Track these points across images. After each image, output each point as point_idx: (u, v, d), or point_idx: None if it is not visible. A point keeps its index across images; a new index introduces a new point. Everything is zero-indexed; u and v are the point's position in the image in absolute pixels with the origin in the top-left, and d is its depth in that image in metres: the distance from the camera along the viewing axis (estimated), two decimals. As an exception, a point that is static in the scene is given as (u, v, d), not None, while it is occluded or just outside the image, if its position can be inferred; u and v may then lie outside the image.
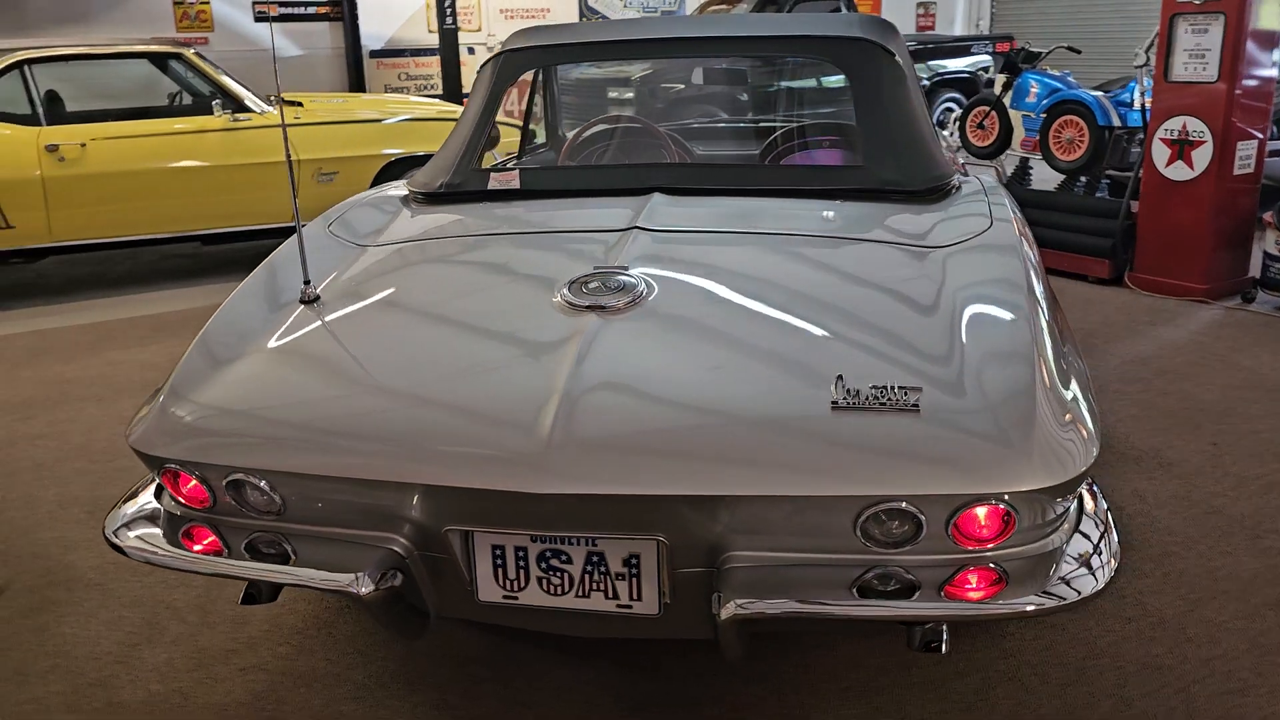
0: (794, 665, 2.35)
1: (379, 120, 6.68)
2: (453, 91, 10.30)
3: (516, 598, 1.80)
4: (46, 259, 6.04)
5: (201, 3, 10.26)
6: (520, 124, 3.98)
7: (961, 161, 3.07)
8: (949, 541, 1.66)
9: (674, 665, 2.34)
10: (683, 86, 7.41)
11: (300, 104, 6.62)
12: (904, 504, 1.61)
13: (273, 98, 6.66)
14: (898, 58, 2.74)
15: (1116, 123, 5.86)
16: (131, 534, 1.93)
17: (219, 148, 5.97)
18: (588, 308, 1.95)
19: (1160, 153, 5.27)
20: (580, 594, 1.77)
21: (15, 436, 3.81)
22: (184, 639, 2.51)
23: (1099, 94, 6.02)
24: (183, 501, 1.86)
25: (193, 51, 6.22)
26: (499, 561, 1.77)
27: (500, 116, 2.89)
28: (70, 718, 2.24)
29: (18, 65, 5.67)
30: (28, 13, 9.46)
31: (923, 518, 1.62)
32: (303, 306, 2.12)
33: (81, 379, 4.46)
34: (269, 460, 1.74)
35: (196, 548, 1.88)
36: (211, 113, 5.98)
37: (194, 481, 1.81)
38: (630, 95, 7.52)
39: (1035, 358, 1.80)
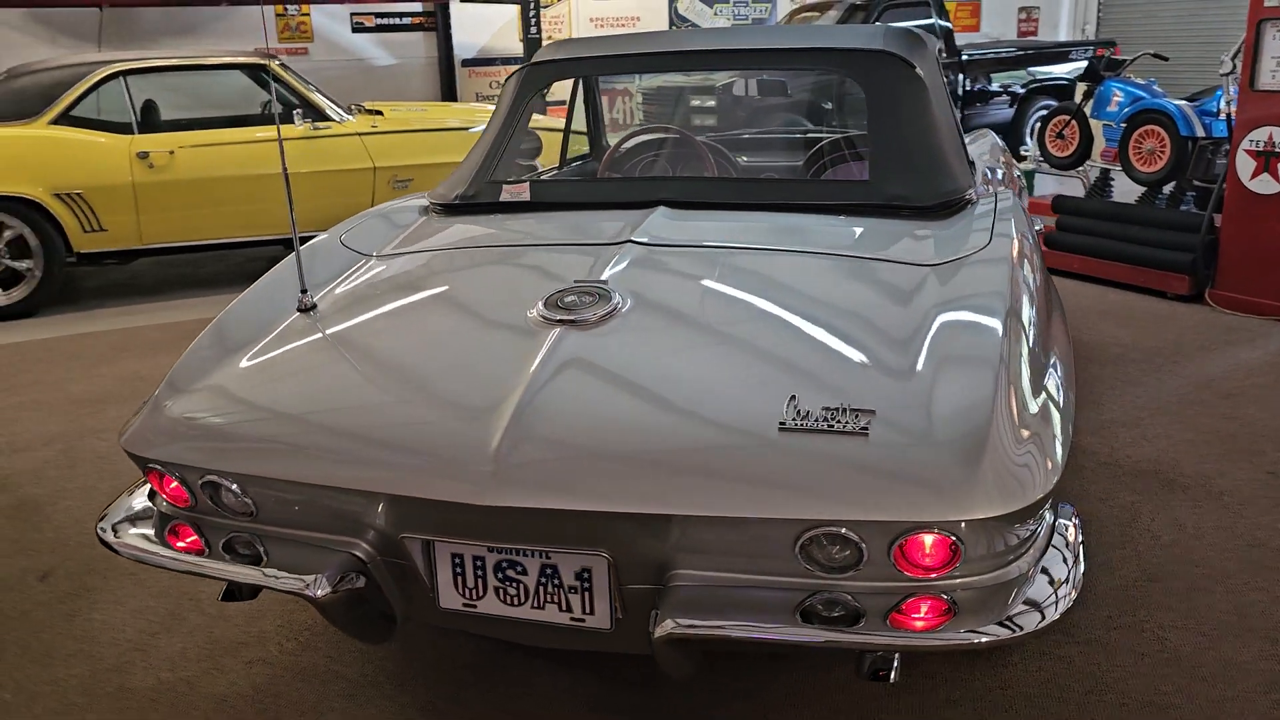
0: (783, 685, 2.32)
1: (461, 129, 6.82)
2: (535, 100, 10.39)
3: (475, 606, 1.84)
4: (138, 260, 6.35)
5: (302, 14, 10.65)
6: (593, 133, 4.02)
7: (993, 176, 2.99)
8: (893, 569, 1.62)
9: (660, 678, 2.34)
10: (714, 99, 7.42)
11: (380, 112, 6.82)
12: (843, 529, 1.58)
13: (354, 107, 6.88)
14: (918, 70, 2.69)
15: (1200, 133, 5.62)
16: (128, 530, 2.03)
17: (298, 155, 6.19)
18: (559, 321, 1.97)
19: (1245, 165, 5.03)
20: (535, 605, 1.79)
21: (84, 429, 4.03)
22: (200, 630, 2.62)
23: (1182, 103, 5.78)
24: (167, 500, 1.95)
25: (277, 63, 6.47)
26: (458, 570, 1.80)
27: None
28: (83, 700, 2.37)
29: (116, 76, 5.98)
30: (141, 25, 9.96)
31: (863, 544, 1.60)
32: (297, 314, 2.19)
33: (155, 376, 4.68)
34: (237, 465, 1.81)
35: (180, 544, 1.96)
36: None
37: (175, 482, 1.90)
38: (676, 106, 7.54)
39: (1001, 382, 1.75)
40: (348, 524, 1.82)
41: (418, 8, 11.09)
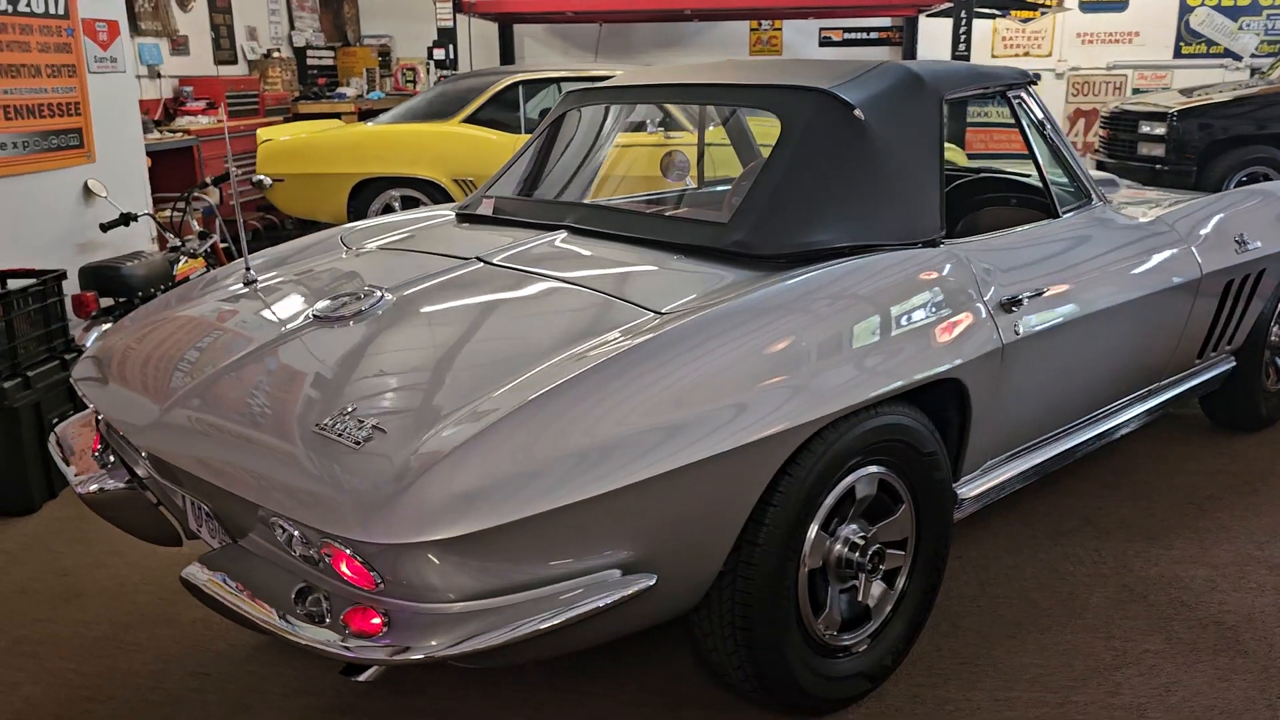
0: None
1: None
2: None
3: (199, 535, 2.28)
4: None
5: (774, 29, 11.32)
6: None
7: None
8: (334, 574, 1.77)
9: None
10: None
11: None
12: (283, 523, 1.77)
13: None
14: (859, 114, 2.50)
15: None
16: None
17: (644, 160, 6.84)
18: (316, 316, 2.31)
19: None
20: (205, 535, 2.20)
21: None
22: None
23: None
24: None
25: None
26: (186, 501, 2.26)
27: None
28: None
29: (514, 85, 7.12)
30: (632, 39, 11.37)
31: (303, 541, 1.76)
32: (242, 285, 2.76)
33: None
34: (93, 399, 2.41)
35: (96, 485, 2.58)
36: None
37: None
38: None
39: (500, 427, 1.76)
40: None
41: (886, 22, 11.17)
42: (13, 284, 3.68)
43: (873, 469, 2.30)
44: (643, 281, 2.35)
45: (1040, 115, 3.05)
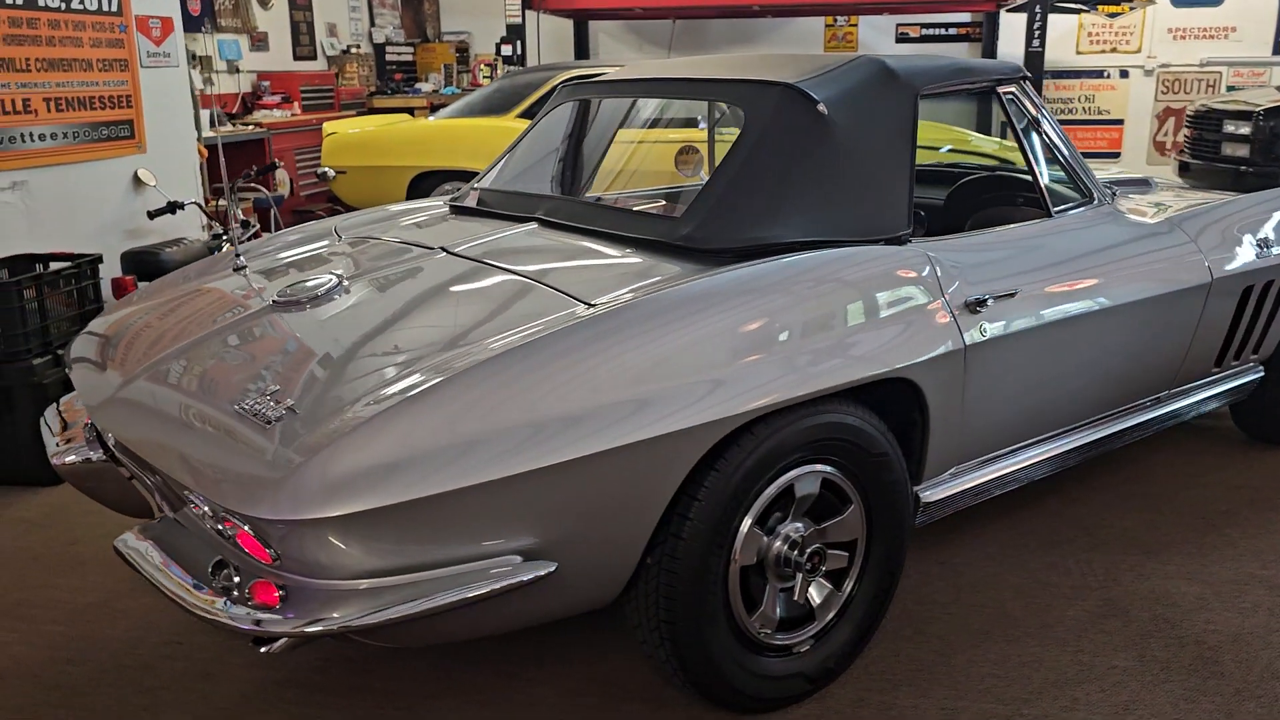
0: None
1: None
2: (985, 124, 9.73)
3: (162, 513, 2.39)
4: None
5: (850, 25, 11.16)
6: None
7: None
8: (240, 548, 1.83)
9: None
10: None
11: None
12: (195, 498, 1.84)
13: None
14: (822, 108, 2.47)
15: None
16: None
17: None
18: (274, 302, 2.39)
19: None
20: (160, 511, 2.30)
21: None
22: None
23: None
24: None
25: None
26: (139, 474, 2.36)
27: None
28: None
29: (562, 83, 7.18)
30: (706, 34, 11.35)
31: (212, 515, 1.83)
32: (231, 270, 2.87)
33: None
34: (75, 378, 2.53)
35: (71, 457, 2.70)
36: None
37: None
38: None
39: (399, 410, 1.80)
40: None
41: (966, 18, 10.90)
42: (54, 267, 3.89)
43: (816, 468, 2.27)
44: (586, 274, 2.37)
45: (1035, 112, 2.96)
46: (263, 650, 1.86)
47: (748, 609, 2.25)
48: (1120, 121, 10.83)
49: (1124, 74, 10.69)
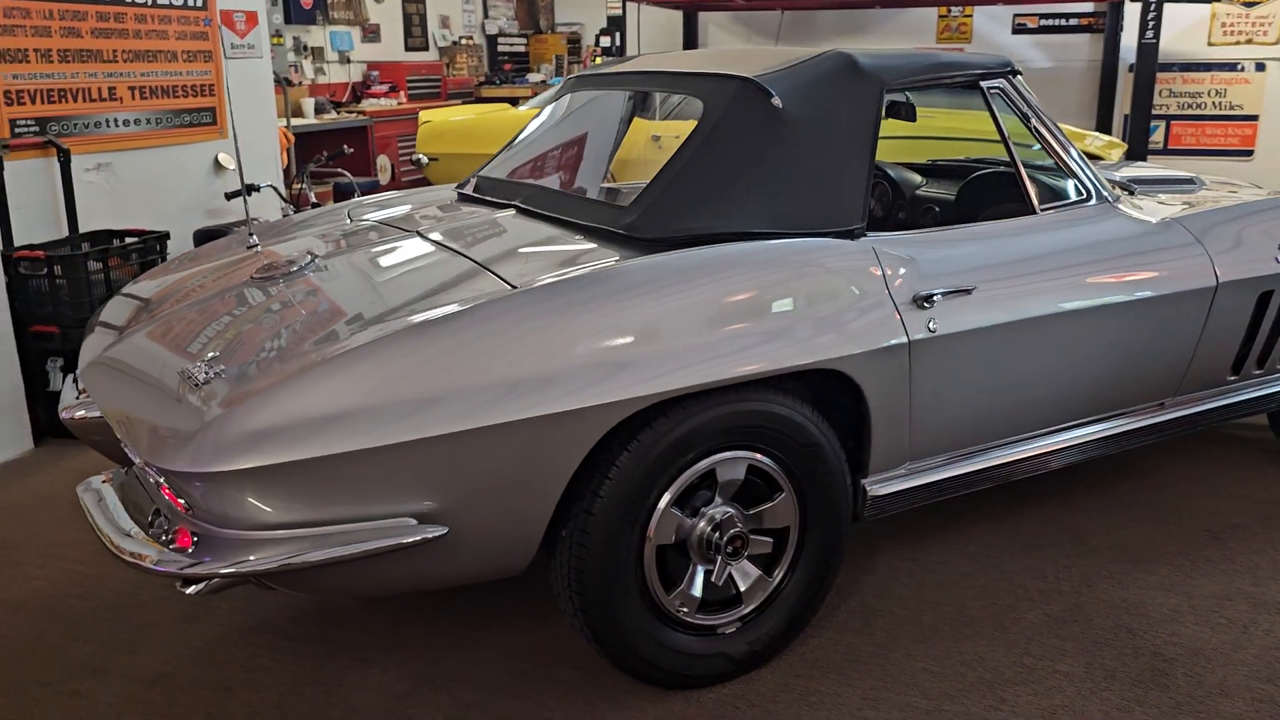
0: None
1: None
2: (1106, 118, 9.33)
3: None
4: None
5: (964, 15, 10.85)
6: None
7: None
8: (163, 495, 2.02)
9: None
10: None
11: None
12: (130, 451, 2.04)
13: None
14: (776, 101, 2.50)
15: None
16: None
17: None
18: (254, 278, 2.59)
19: None
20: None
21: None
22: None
23: None
24: None
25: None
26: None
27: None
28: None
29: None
30: (817, 28, 11.23)
31: (143, 467, 2.03)
32: (245, 249, 3.10)
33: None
34: (86, 339, 2.79)
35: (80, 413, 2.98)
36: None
37: None
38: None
39: (308, 374, 1.94)
40: None
41: (1088, 7, 10.46)
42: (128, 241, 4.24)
43: (740, 453, 2.32)
44: (528, 258, 2.47)
45: (1025, 107, 2.90)
46: (188, 592, 2.05)
47: (667, 587, 2.32)
48: (1255, 117, 10.20)
49: (1260, 67, 10.06)
